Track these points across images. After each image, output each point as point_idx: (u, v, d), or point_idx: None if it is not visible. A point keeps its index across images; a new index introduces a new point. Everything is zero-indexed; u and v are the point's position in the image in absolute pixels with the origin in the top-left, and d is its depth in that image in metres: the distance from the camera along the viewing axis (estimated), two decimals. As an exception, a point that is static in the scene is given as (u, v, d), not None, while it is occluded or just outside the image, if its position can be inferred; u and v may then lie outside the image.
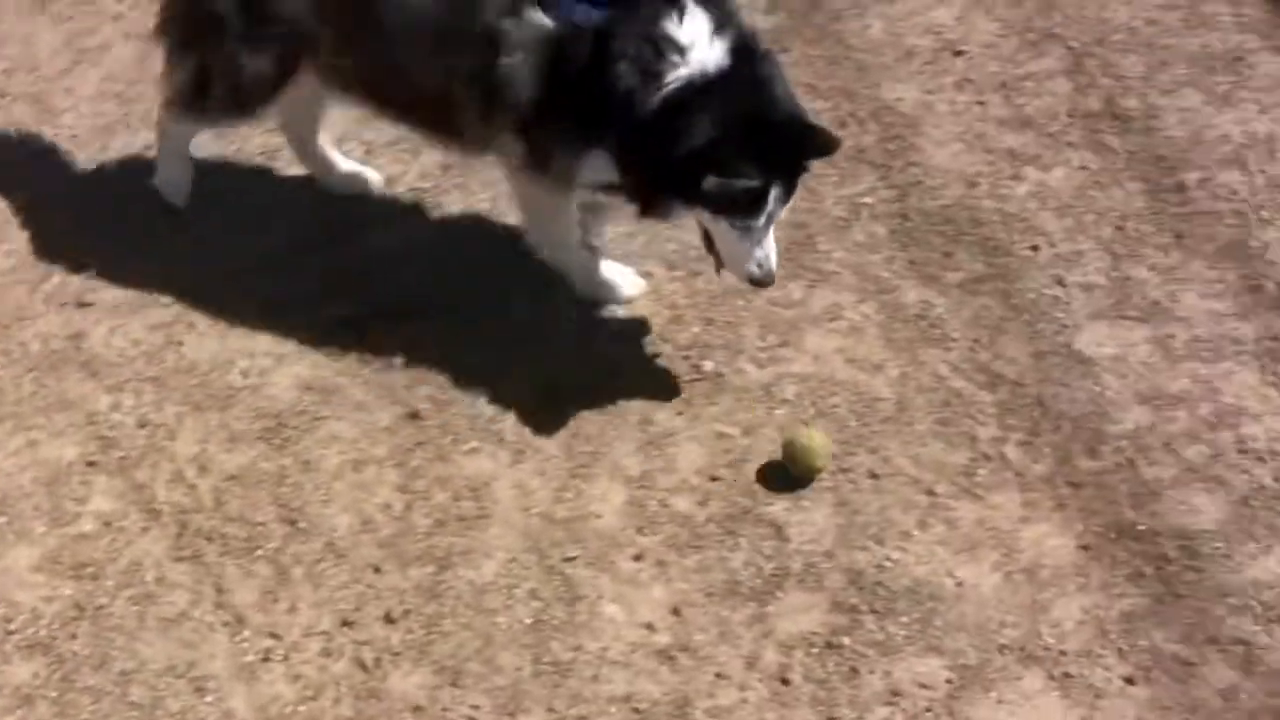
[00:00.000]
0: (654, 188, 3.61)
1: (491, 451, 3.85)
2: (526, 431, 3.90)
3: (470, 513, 3.72)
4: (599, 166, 3.69)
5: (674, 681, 3.39)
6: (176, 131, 4.37)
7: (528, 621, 3.51)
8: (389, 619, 3.52)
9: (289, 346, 4.11)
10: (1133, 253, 4.41)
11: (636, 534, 3.67)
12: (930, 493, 3.75)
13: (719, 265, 3.78)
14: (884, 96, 4.91)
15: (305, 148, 4.46)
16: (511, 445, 3.87)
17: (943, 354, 4.10)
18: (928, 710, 3.33)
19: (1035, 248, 4.41)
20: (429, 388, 4.00)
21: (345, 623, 3.51)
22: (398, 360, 4.07)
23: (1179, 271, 4.35)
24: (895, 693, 3.36)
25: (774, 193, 3.53)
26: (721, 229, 3.63)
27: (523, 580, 3.59)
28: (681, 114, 3.46)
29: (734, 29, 3.57)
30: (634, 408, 3.95)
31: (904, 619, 3.50)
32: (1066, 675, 3.40)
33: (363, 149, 4.71)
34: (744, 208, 3.54)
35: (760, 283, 3.70)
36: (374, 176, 4.52)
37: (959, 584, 3.57)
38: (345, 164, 4.51)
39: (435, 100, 3.82)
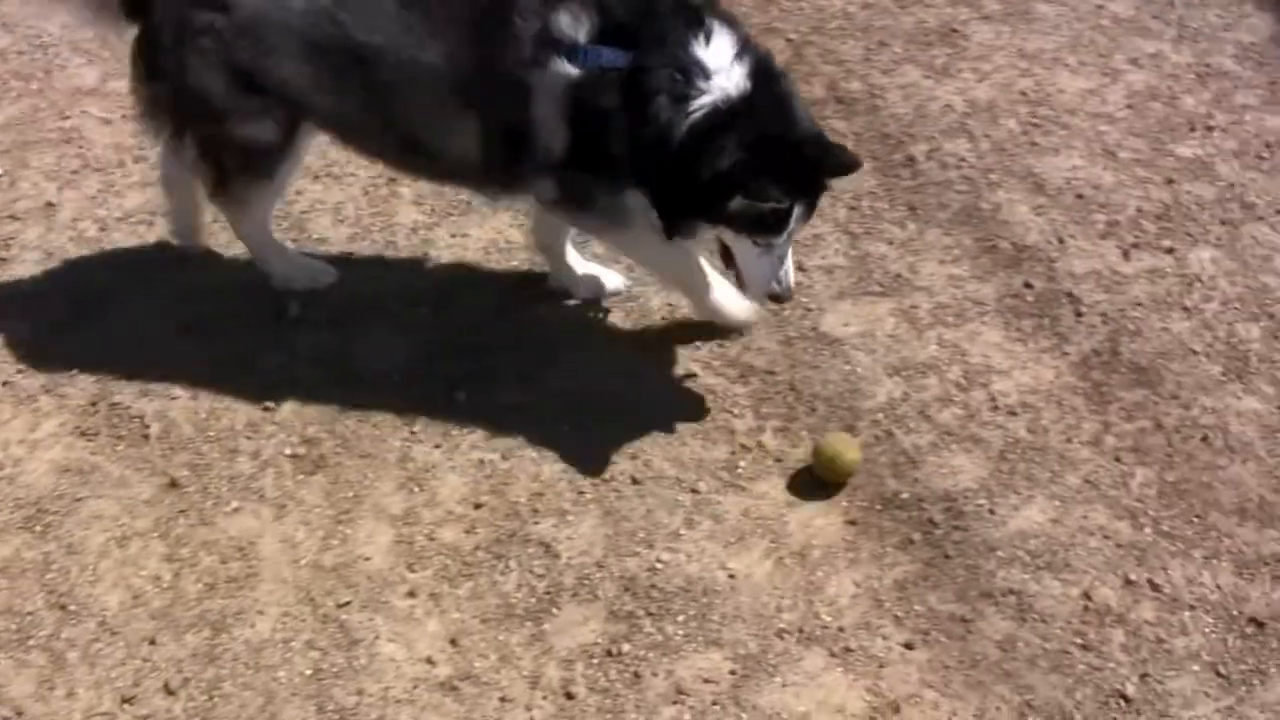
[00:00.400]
0: (681, 210, 3.59)
1: (254, 509, 3.72)
2: (287, 485, 3.77)
3: (239, 573, 3.58)
4: (639, 200, 3.66)
5: (460, 712, 3.29)
6: (247, 228, 4.16)
7: (307, 672, 3.38)
8: (169, 690, 3.35)
9: (42, 431, 3.91)
10: (869, 230, 4.47)
11: (407, 570, 3.57)
12: (694, 491, 3.72)
13: (740, 283, 3.76)
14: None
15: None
16: (273, 501, 3.74)
17: (692, 352, 4.08)
18: (714, 704, 3.29)
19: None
20: (186, 454, 3.84)
21: (125, 700, 3.34)
22: (152, 430, 3.89)
23: (916, 243, 4.42)
24: (680, 691, 3.31)
25: (797, 211, 3.54)
26: (744, 248, 3.64)
27: (298, 632, 3.46)
28: (709, 138, 3.44)
29: (752, 51, 3.54)
30: (392, 446, 3.85)
31: (681, 618, 3.45)
32: (847, 649, 3.39)
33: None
34: (768, 227, 3.56)
35: (780, 298, 3.77)
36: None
37: (731, 576, 3.54)
38: None
39: (456, 157, 3.74)
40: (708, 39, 3.49)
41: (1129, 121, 4.93)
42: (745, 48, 3.54)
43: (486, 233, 4.42)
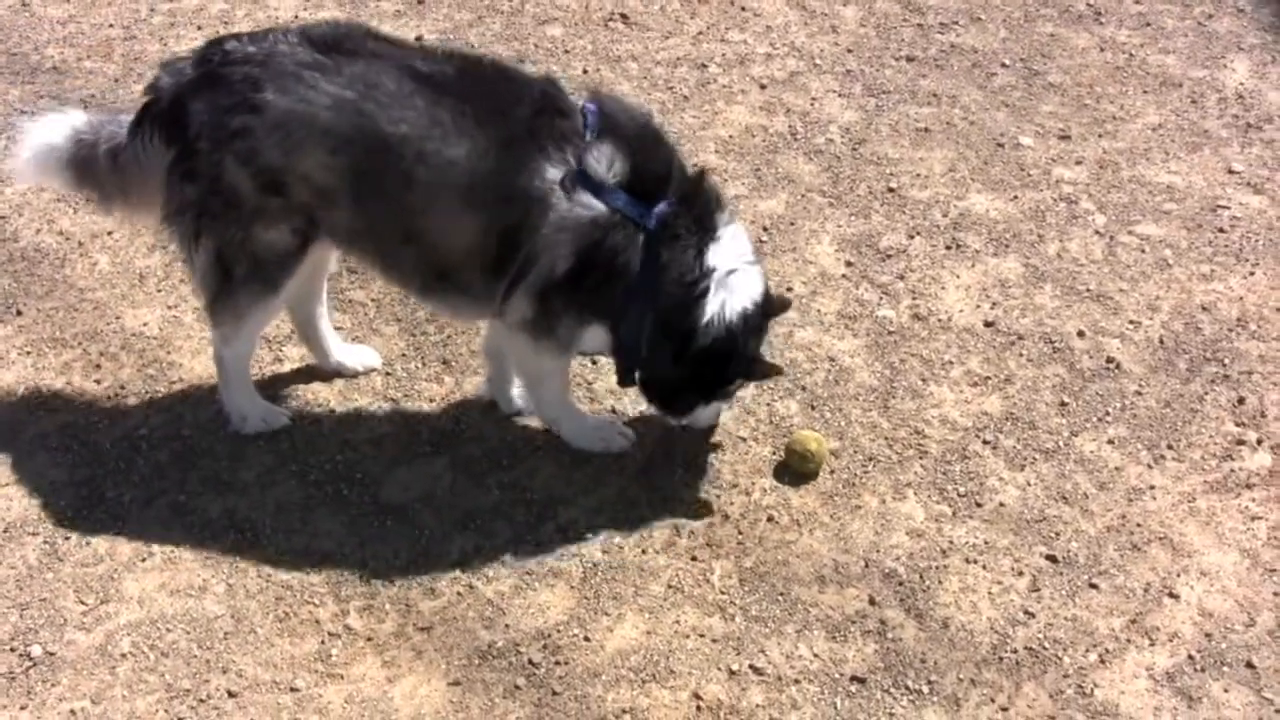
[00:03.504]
0: (680, 392, 4.17)
1: None
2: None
3: None
4: (598, 338, 4.08)
5: None
6: (234, 348, 4.30)
7: None
8: None
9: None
10: (408, 393, 4.63)
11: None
12: (293, 689, 3.71)
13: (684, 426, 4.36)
14: (129, 326, 4.85)
15: (309, 326, 4.55)
16: None
17: (260, 552, 4.07)
18: None
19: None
20: None
21: None
22: None
23: (455, 395, 4.54)
24: None
25: None
26: (715, 405, 4.27)
27: None
28: (727, 346, 4.01)
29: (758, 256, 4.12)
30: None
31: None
32: (479, 812, 3.42)
33: None
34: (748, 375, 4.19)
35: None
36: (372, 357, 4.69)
37: (346, 770, 3.53)
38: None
39: (452, 254, 3.97)
40: (719, 241, 4.01)
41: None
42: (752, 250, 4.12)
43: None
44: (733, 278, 3.96)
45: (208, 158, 3.91)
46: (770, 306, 4.14)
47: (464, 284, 4.05)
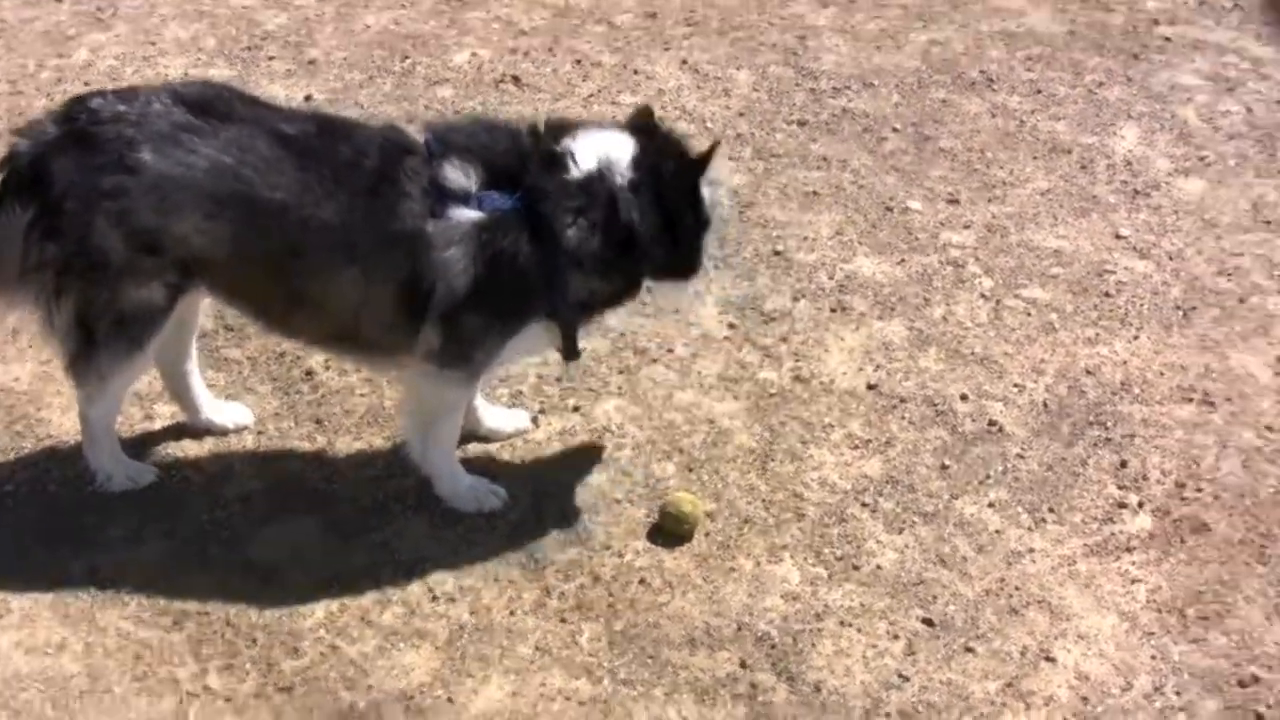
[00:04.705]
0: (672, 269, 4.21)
1: None
2: None
3: None
4: (533, 337, 4.12)
5: None
6: (100, 408, 4.25)
7: None
8: None
9: None
10: (278, 451, 4.51)
11: None
12: (145, 755, 3.63)
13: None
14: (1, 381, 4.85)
15: (178, 382, 4.51)
16: None
17: (121, 610, 4.01)
18: None
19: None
20: None
21: None
22: None
23: (328, 453, 4.50)
24: None
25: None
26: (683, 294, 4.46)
27: None
28: (648, 200, 4.04)
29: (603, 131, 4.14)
30: None
31: None
32: None
33: None
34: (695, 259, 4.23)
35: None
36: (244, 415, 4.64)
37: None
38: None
39: (346, 311, 3.97)
40: (574, 157, 3.99)
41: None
42: (597, 133, 4.08)
43: None
44: (614, 159, 4.04)
45: (75, 217, 3.87)
46: (664, 147, 4.16)
47: (365, 341, 4.10)
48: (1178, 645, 4.07)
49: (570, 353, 4.20)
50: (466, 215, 3.91)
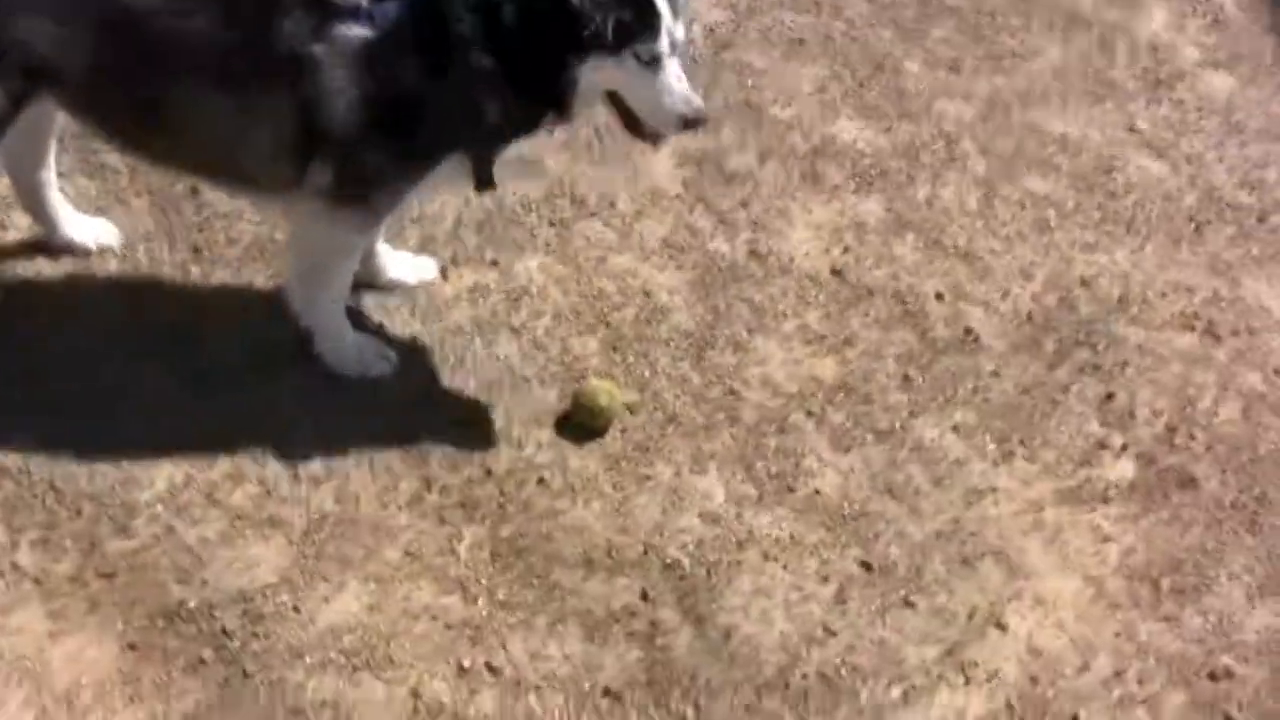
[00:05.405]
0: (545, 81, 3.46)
1: None
2: None
3: None
4: (443, 174, 3.57)
5: None
6: None
7: None
8: None
9: None
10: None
11: None
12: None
13: (642, 131, 3.56)
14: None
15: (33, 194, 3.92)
16: None
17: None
18: None
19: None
20: None
21: None
22: None
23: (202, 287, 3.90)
24: None
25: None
26: (630, 74, 3.43)
27: None
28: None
29: None
30: None
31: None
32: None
33: None
34: (641, 28, 3.37)
35: (694, 122, 3.51)
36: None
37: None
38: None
39: (217, 143, 3.52)
40: None
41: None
42: None
43: None
44: None
45: None
46: None
47: (243, 175, 3.64)
48: (1146, 622, 3.62)
49: (484, 182, 3.64)
50: (356, 31, 3.39)
